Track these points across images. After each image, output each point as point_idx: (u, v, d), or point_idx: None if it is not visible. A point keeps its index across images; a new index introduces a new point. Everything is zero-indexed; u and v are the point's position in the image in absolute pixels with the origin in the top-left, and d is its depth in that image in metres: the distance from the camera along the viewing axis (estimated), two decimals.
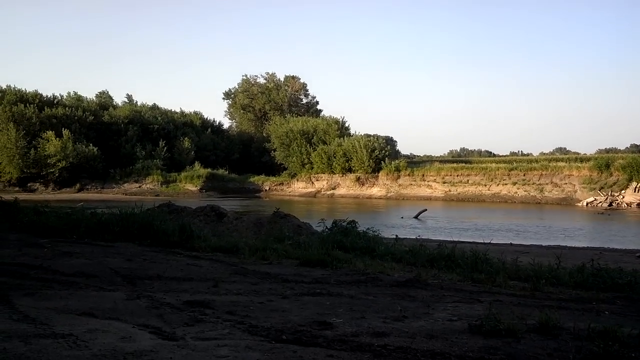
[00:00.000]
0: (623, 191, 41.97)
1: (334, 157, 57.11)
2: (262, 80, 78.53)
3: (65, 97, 66.73)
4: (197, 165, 60.72)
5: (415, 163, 60.26)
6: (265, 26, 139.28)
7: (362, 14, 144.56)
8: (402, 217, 30.20)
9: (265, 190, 59.31)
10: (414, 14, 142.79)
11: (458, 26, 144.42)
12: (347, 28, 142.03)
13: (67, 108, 60.34)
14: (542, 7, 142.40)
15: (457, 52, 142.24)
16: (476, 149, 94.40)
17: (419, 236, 14.12)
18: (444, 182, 52.25)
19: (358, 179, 55.84)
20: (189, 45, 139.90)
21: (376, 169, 55.36)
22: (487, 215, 33.63)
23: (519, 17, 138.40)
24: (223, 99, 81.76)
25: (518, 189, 48.53)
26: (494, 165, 53.44)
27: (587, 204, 41.79)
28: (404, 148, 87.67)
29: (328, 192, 56.57)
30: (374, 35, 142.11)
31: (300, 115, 69.04)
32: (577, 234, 23.86)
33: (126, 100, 74.04)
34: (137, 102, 73.34)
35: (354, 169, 56.18)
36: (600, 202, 41.39)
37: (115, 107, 68.96)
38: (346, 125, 63.67)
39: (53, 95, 64.29)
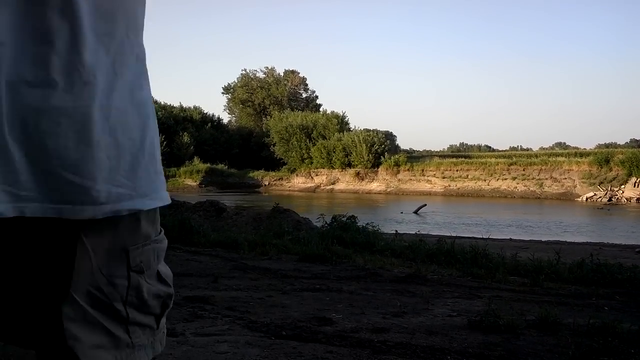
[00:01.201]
0: (622, 186, 42.05)
1: (334, 152, 57.09)
2: (261, 75, 78.46)
3: None
4: (196, 160, 60.72)
5: (414, 158, 60.21)
6: (264, 20, 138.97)
7: (361, 8, 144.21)
8: (402, 212, 30.19)
9: (265, 185, 59.32)
10: (413, 9, 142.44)
11: (457, 21, 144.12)
12: (346, 22, 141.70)
13: None
14: (539, 3, 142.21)
15: (456, 47, 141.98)
16: (476, 144, 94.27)
17: (418, 231, 14.14)
18: (444, 177, 52.27)
19: (357, 173, 55.84)
20: (189, 39, 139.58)
21: (376, 164, 55.36)
22: (490, 210, 33.61)
23: (517, 13, 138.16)
24: (222, 93, 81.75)
25: (518, 184, 48.57)
26: (493, 160, 53.45)
27: (586, 199, 41.86)
28: (403, 143, 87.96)
29: (327, 187, 56.61)
30: (374, 29, 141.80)
31: (300, 110, 68.97)
32: (578, 229, 23.90)
33: None
34: None
35: (353, 163, 56.16)
36: (600, 197, 41.46)
37: None
38: (346, 119, 63.70)
39: None
